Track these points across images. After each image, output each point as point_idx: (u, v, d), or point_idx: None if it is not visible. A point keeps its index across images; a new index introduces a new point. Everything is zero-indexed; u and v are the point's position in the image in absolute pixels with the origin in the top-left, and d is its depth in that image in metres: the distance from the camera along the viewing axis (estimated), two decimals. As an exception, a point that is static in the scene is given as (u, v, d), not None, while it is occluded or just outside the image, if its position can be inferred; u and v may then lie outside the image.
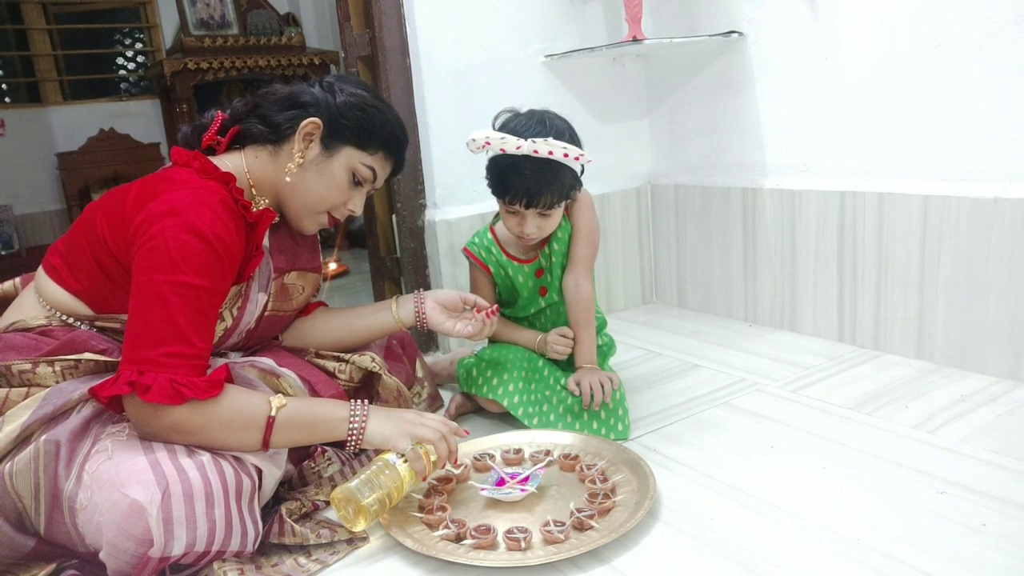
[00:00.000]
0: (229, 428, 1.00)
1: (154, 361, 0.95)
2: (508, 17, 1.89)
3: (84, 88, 4.13)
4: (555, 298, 1.52)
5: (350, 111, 1.16)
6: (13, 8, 3.90)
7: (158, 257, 0.98)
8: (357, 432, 1.08)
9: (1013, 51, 1.39)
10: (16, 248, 3.66)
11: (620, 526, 1.03)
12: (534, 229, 1.39)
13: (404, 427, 1.10)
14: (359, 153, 1.17)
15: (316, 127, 1.15)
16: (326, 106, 1.15)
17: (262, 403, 1.03)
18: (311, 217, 1.21)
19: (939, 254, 1.55)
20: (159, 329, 0.96)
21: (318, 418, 1.08)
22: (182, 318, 0.97)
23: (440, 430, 1.12)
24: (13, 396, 0.99)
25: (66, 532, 0.96)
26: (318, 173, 1.16)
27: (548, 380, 1.44)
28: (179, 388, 0.94)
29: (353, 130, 1.16)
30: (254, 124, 1.17)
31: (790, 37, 1.75)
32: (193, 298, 0.98)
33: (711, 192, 2.02)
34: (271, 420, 1.02)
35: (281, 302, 1.26)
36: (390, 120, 1.20)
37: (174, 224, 0.99)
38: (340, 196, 1.19)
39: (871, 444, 1.27)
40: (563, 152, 1.30)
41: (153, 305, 0.97)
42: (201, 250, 1.00)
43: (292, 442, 1.09)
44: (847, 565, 0.95)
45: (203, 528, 0.92)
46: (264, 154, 1.17)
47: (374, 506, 1.04)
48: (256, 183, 1.18)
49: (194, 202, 1.02)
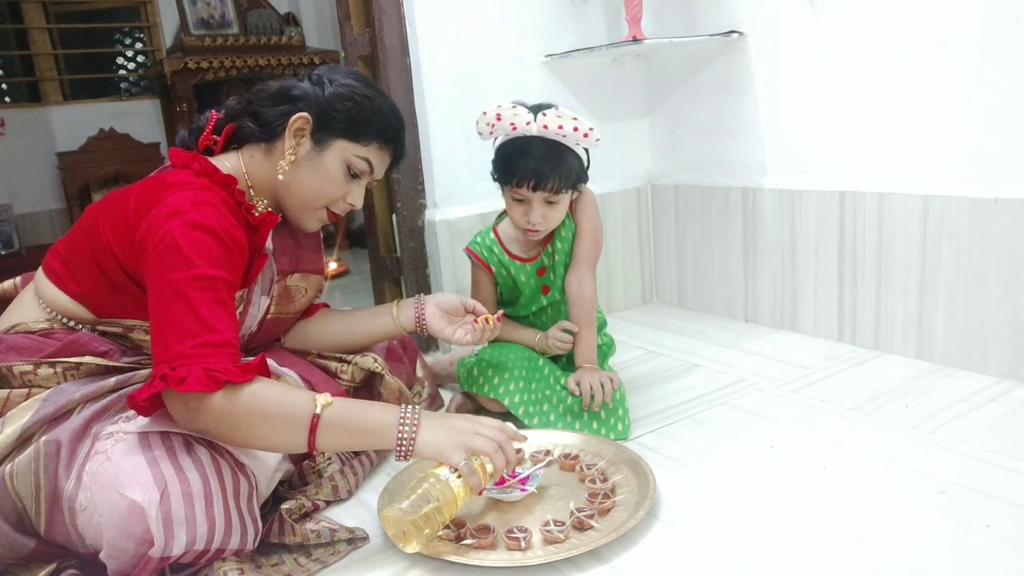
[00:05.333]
0: (272, 422, 0.97)
1: (185, 354, 0.92)
2: (508, 17, 1.89)
3: (84, 88, 4.13)
4: (557, 297, 1.53)
5: (340, 102, 1.12)
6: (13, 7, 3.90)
7: (170, 257, 0.97)
8: (407, 442, 1.01)
9: (1013, 51, 1.39)
10: (16, 247, 3.66)
11: (620, 526, 1.03)
12: (540, 218, 1.39)
13: (458, 438, 1.03)
14: (352, 145, 1.14)
15: (306, 122, 1.12)
16: (315, 99, 1.12)
17: (306, 399, 0.99)
18: (309, 214, 1.19)
19: (939, 254, 1.55)
20: (184, 324, 0.94)
21: (367, 422, 1.02)
22: (205, 309, 0.95)
23: (496, 439, 1.05)
24: (14, 397, 0.99)
25: (66, 533, 0.96)
26: (311, 169, 1.14)
27: (548, 379, 1.44)
28: (213, 374, 0.92)
29: (344, 122, 1.13)
30: (246, 123, 1.15)
31: (790, 37, 1.75)
32: (212, 289, 0.97)
33: (711, 192, 2.02)
34: (315, 418, 0.97)
35: (284, 305, 1.25)
36: (383, 109, 1.16)
37: (181, 223, 0.98)
38: (336, 190, 1.16)
39: (871, 444, 1.27)
40: (573, 126, 1.31)
41: (174, 303, 0.95)
42: (212, 243, 0.99)
43: (339, 446, 1.04)
44: (847, 565, 0.95)
45: (203, 527, 0.92)
46: (259, 153, 1.15)
47: (425, 529, 0.98)
48: (254, 184, 1.16)
49: (197, 201, 1.01)
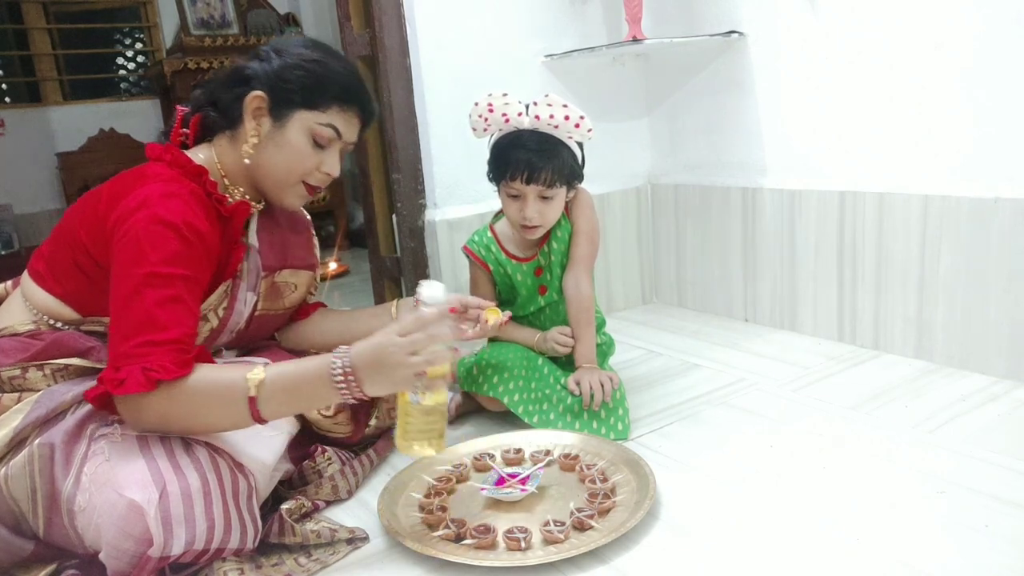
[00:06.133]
0: (214, 411, 0.97)
1: (128, 354, 0.93)
2: (508, 17, 1.89)
3: (84, 88, 4.13)
4: (554, 297, 1.53)
5: (290, 73, 1.09)
6: (13, 8, 3.91)
7: (131, 251, 0.97)
8: (346, 386, 0.98)
9: (1013, 51, 1.39)
10: (16, 247, 3.67)
11: (620, 526, 1.03)
12: (535, 214, 1.39)
13: (395, 375, 0.98)
14: (312, 114, 1.11)
15: (262, 100, 1.09)
16: (266, 75, 1.09)
17: (240, 381, 0.96)
18: (287, 191, 1.16)
19: (939, 254, 1.55)
20: (132, 321, 0.95)
21: (302, 387, 0.99)
22: (156, 307, 0.95)
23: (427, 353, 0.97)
24: (5, 401, 0.99)
25: (65, 534, 0.96)
26: (277, 146, 1.11)
27: (548, 379, 1.44)
28: (149, 374, 0.92)
29: (298, 92, 1.09)
30: (209, 112, 1.14)
31: (790, 37, 1.75)
32: (166, 287, 0.97)
33: (711, 192, 2.02)
34: (252, 399, 0.96)
35: (272, 301, 1.24)
36: (336, 71, 1.12)
37: (144, 216, 0.98)
38: (306, 163, 1.13)
39: (871, 444, 1.27)
40: (564, 114, 1.33)
41: (127, 299, 0.96)
42: (172, 239, 0.98)
43: (286, 412, 1.03)
44: (847, 565, 0.95)
45: (202, 526, 0.92)
46: (225, 141, 1.14)
47: (432, 439, 1.02)
48: (228, 172, 1.15)
49: (164, 193, 1.01)
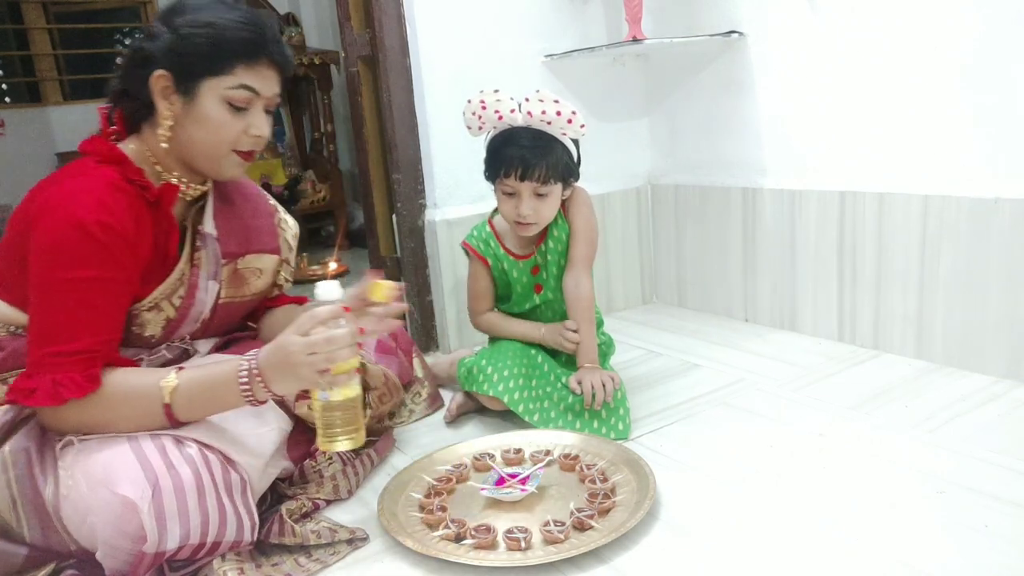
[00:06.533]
0: (128, 416, 0.97)
1: (39, 362, 0.93)
2: (508, 17, 1.89)
3: (84, 88, 4.13)
4: (550, 296, 1.53)
5: (185, 43, 1.02)
6: (13, 8, 3.91)
7: (40, 257, 0.96)
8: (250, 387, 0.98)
9: (1013, 51, 1.39)
10: (16, 248, 3.66)
11: (620, 526, 1.03)
12: (530, 211, 1.39)
13: (298, 373, 0.97)
14: (219, 79, 1.04)
15: (166, 78, 1.03)
16: (162, 52, 1.03)
17: (154, 389, 0.97)
18: (221, 163, 1.10)
19: (939, 254, 1.54)
20: (44, 329, 0.95)
21: (214, 394, 1.00)
22: (64, 315, 0.94)
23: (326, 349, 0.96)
24: None
25: (58, 536, 0.96)
26: (195, 121, 1.05)
27: (548, 377, 1.44)
28: (58, 389, 0.92)
29: (198, 61, 1.03)
30: (125, 103, 1.10)
31: (790, 37, 1.75)
32: (77, 291, 0.95)
33: (711, 192, 2.02)
34: (167, 407, 0.97)
35: (236, 288, 1.22)
36: (230, 27, 1.03)
37: (51, 221, 0.97)
38: (230, 131, 1.07)
39: (871, 444, 1.27)
40: (556, 109, 1.34)
41: (40, 306, 0.95)
42: (80, 240, 0.96)
43: (202, 416, 1.02)
44: (847, 565, 0.95)
45: (196, 520, 0.93)
46: (149, 128, 1.09)
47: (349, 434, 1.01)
48: (159, 160, 1.09)
49: (74, 191, 0.99)
